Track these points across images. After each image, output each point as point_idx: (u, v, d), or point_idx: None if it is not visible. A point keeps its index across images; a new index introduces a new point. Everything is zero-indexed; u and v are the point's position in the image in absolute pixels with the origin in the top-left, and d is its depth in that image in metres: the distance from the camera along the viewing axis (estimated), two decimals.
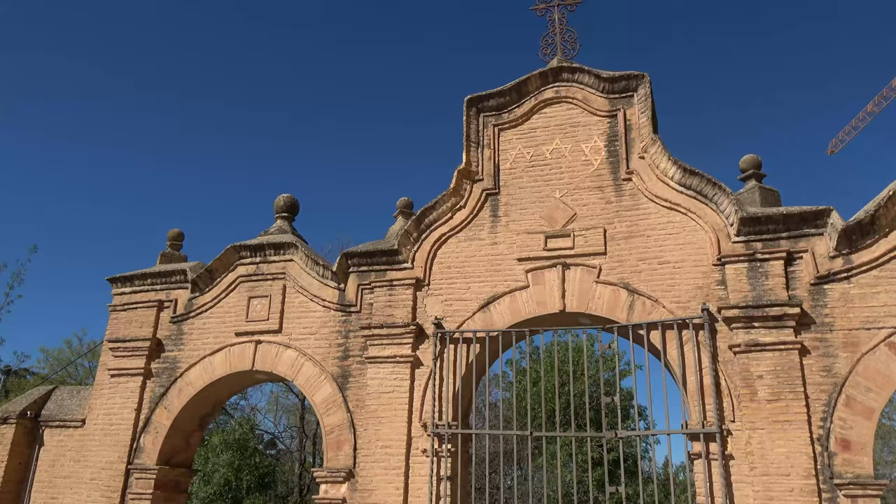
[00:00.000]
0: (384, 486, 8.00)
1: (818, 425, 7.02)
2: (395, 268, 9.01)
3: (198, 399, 9.54)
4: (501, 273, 8.62)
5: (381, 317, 8.76)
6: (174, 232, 11.14)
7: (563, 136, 9.06)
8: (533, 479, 15.59)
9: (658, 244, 8.17)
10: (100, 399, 9.87)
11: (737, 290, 7.63)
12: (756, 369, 7.29)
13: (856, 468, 6.80)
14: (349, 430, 8.47)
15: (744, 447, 7.14)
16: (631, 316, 7.97)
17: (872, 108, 45.53)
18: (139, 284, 10.32)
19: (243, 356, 9.35)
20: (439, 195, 9.09)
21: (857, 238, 7.44)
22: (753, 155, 8.63)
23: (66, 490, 9.62)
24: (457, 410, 8.26)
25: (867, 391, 7.01)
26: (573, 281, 8.31)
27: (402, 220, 9.80)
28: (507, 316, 8.42)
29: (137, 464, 9.29)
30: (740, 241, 7.79)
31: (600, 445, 18.86)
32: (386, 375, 8.49)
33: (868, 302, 7.30)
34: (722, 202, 7.94)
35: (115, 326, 10.24)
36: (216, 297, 9.85)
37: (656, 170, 8.41)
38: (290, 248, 9.66)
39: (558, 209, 8.71)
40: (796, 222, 7.67)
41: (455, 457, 8.05)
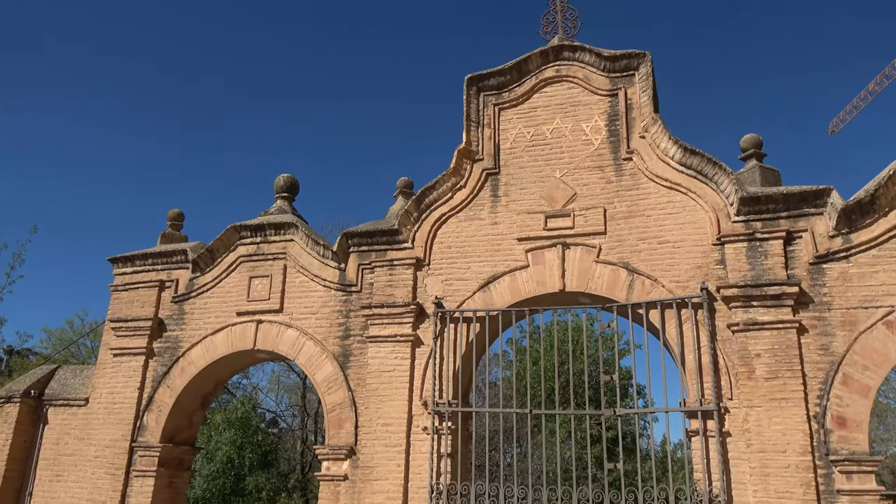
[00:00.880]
0: (385, 462, 8.10)
1: (815, 403, 7.10)
2: (395, 248, 9.03)
3: (200, 378, 9.62)
4: (501, 253, 8.65)
5: (382, 296, 8.81)
6: (174, 212, 11.14)
7: (563, 116, 9.02)
8: (532, 456, 15.76)
9: (658, 224, 8.18)
10: (103, 378, 9.96)
11: (736, 269, 7.66)
12: (754, 348, 7.35)
13: (851, 445, 6.89)
14: (350, 409, 8.56)
15: (741, 424, 7.23)
16: (630, 295, 8.02)
17: (874, 86, 45.27)
18: (140, 265, 10.35)
19: (245, 336, 9.41)
20: (439, 175, 9.08)
21: (857, 218, 7.45)
22: (754, 134, 8.61)
23: (70, 468, 9.74)
24: (457, 389, 8.34)
25: (864, 369, 7.07)
26: (573, 260, 8.33)
27: (403, 200, 9.79)
28: (507, 295, 8.46)
29: (141, 442, 9.40)
30: (740, 221, 7.81)
31: (599, 423, 19.05)
32: (387, 354, 8.56)
33: (866, 281, 7.34)
34: (722, 182, 7.94)
35: (116, 306, 10.29)
36: (217, 277, 9.89)
37: (657, 149, 8.39)
38: (291, 228, 9.67)
39: (558, 189, 8.70)
40: (796, 202, 7.68)
41: (455, 434, 8.15)
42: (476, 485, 7.84)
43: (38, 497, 9.81)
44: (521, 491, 7.68)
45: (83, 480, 9.49)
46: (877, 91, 45.35)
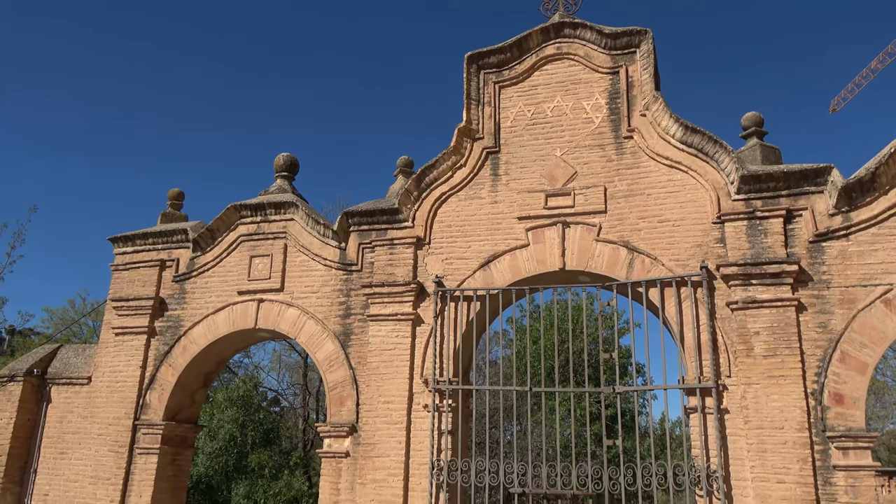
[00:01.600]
0: (386, 439, 8.19)
1: (812, 380, 7.15)
2: (395, 227, 9.03)
3: (202, 357, 9.68)
4: (502, 231, 8.65)
5: (383, 275, 8.83)
6: (174, 192, 11.12)
7: (564, 94, 8.96)
8: (532, 433, 15.91)
9: (658, 202, 8.17)
10: (105, 357, 10.01)
11: (736, 247, 7.67)
12: (753, 326, 7.39)
13: (848, 421, 6.95)
14: (352, 387, 8.62)
15: (739, 401, 7.29)
16: (630, 274, 8.03)
17: (876, 64, 44.87)
18: (141, 244, 10.36)
19: (246, 315, 9.45)
20: (440, 154, 9.05)
21: (857, 196, 7.44)
22: (755, 112, 8.55)
23: (74, 445, 9.84)
24: (457, 367, 8.39)
25: (862, 347, 7.11)
26: (573, 239, 8.34)
27: (403, 179, 9.77)
28: (507, 274, 8.47)
29: (144, 419, 9.49)
30: (740, 199, 7.79)
31: (598, 401, 19.21)
32: (387, 333, 8.60)
33: (866, 259, 7.35)
34: (723, 160, 7.91)
35: (117, 285, 10.32)
36: (218, 257, 9.90)
37: (658, 127, 8.35)
38: (291, 208, 9.66)
39: (559, 167, 8.67)
40: (797, 180, 7.66)
41: (455, 412, 8.22)
42: (476, 461, 7.92)
43: (43, 474, 9.93)
44: (520, 467, 7.77)
45: (87, 458, 9.60)
46: (879, 69, 44.98)
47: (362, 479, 8.14)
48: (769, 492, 6.87)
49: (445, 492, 7.88)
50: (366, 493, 8.06)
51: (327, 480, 8.39)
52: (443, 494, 7.87)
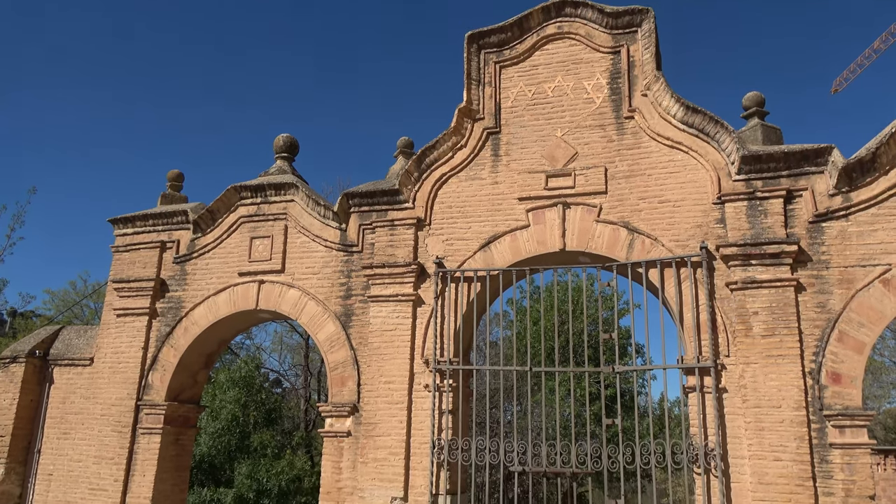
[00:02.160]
0: (388, 419, 8.26)
1: (810, 359, 7.20)
2: (396, 208, 9.03)
3: (203, 338, 9.73)
4: (502, 212, 8.65)
5: (383, 256, 8.84)
6: (174, 173, 11.10)
7: (565, 74, 8.91)
8: (532, 413, 16.05)
9: (659, 183, 8.16)
10: (107, 338, 10.07)
11: (736, 228, 7.67)
12: (752, 306, 7.42)
13: (845, 400, 7.01)
14: (353, 367, 8.68)
15: (737, 381, 7.34)
16: (630, 254, 8.05)
17: (879, 44, 44.53)
18: (141, 225, 10.36)
19: (247, 296, 9.48)
20: (440, 134, 9.02)
21: (858, 176, 7.43)
22: (756, 92, 8.51)
23: (77, 425, 9.93)
24: (458, 347, 8.44)
25: (860, 326, 7.15)
26: (573, 220, 8.34)
27: (403, 160, 9.75)
28: (507, 255, 8.49)
29: (146, 400, 9.56)
30: (741, 180, 7.78)
31: (598, 382, 19.34)
32: (388, 314, 8.64)
33: (865, 239, 7.36)
34: (724, 140, 7.89)
35: (118, 267, 10.34)
36: (218, 238, 9.91)
37: (659, 108, 8.31)
38: (291, 189, 9.65)
39: (559, 148, 8.65)
40: (797, 160, 7.64)
41: (456, 392, 8.28)
42: (477, 440, 8.00)
43: (47, 454, 10.03)
44: (520, 446, 7.85)
45: (91, 438, 9.69)
46: (882, 49, 44.64)
47: (364, 458, 8.23)
48: (766, 469, 6.95)
49: (446, 470, 7.97)
50: (367, 471, 8.15)
51: (329, 459, 8.49)
52: (443, 472, 7.96)
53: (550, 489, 16.36)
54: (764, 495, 6.89)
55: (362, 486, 8.12)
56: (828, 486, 6.82)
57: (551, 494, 15.80)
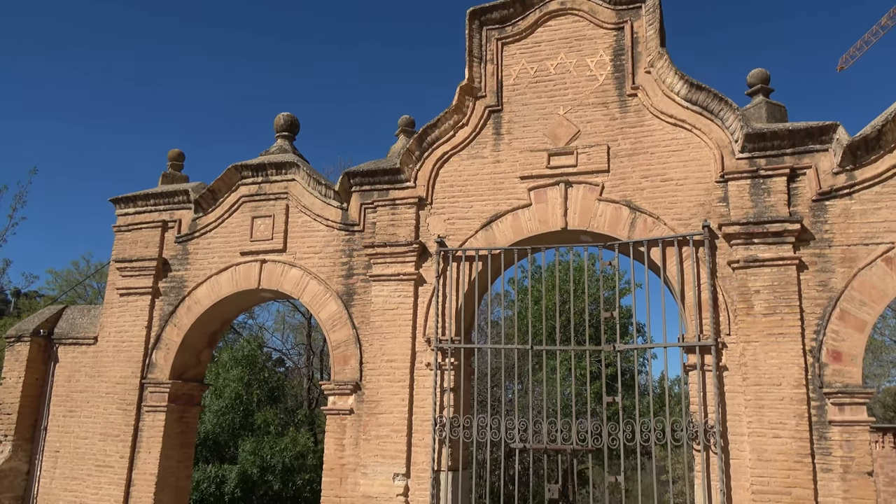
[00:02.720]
0: (390, 397, 8.32)
1: (811, 338, 7.21)
2: (397, 187, 9.00)
3: (206, 317, 9.77)
4: (504, 191, 8.62)
5: (385, 235, 8.84)
6: (174, 152, 11.06)
7: (567, 51, 8.81)
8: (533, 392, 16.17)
9: (662, 161, 8.11)
10: (110, 317, 10.11)
11: (738, 206, 7.65)
12: (753, 284, 7.42)
13: (845, 378, 7.05)
14: (355, 346, 8.73)
15: (738, 359, 7.37)
16: (632, 233, 8.03)
17: (886, 21, 43.94)
18: (142, 205, 10.35)
19: (249, 275, 9.50)
20: (441, 113, 8.96)
21: (862, 154, 7.38)
22: (761, 69, 8.41)
23: (83, 403, 10.02)
24: (459, 326, 8.47)
25: (861, 305, 7.16)
26: (575, 199, 8.31)
27: (404, 139, 9.69)
28: (508, 234, 8.48)
29: (151, 378, 9.63)
30: (744, 158, 7.74)
31: (599, 360, 19.43)
32: (390, 293, 8.65)
33: (868, 218, 7.33)
34: (728, 118, 7.82)
35: (120, 247, 10.35)
36: (219, 218, 9.90)
37: (662, 85, 8.23)
38: (292, 168, 9.62)
39: (562, 126, 8.59)
40: (801, 138, 7.59)
41: (458, 370, 8.33)
42: (478, 417, 8.07)
43: (53, 431, 10.14)
44: (521, 423, 7.91)
45: (96, 416, 9.79)
46: (889, 26, 44.06)
47: (366, 435, 8.30)
48: (765, 446, 7.00)
49: (448, 447, 8.05)
50: (370, 448, 8.23)
51: (332, 436, 8.57)
52: (445, 449, 8.04)
53: (551, 466, 16.52)
54: (763, 471, 6.96)
55: (365, 463, 8.21)
56: (826, 463, 6.88)
57: (552, 471, 15.97)
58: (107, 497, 9.33)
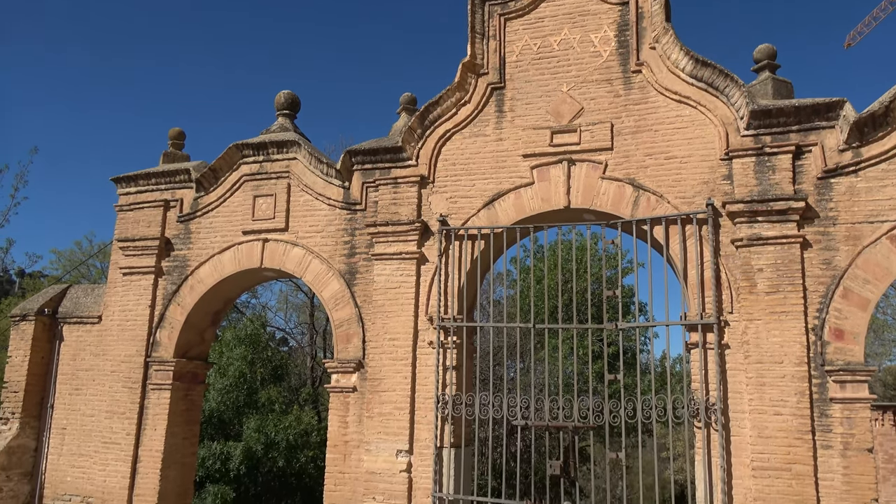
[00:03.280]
0: (392, 375, 8.37)
1: (814, 316, 7.21)
2: (399, 165, 8.96)
3: (209, 296, 9.80)
4: (506, 170, 8.57)
5: (387, 214, 8.82)
6: (175, 131, 11.00)
7: (571, 26, 8.70)
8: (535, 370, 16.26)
9: (666, 139, 8.05)
10: (114, 297, 10.15)
11: (743, 184, 7.60)
12: (757, 262, 7.40)
13: (847, 356, 7.05)
14: (358, 324, 8.75)
15: (740, 337, 7.38)
16: (635, 211, 8.00)
17: None
18: (144, 184, 10.33)
19: (251, 254, 9.51)
20: (443, 90, 8.88)
21: (869, 131, 7.30)
22: (768, 45, 8.30)
23: (88, 381, 10.11)
24: (462, 305, 8.48)
25: (865, 283, 7.14)
26: (578, 177, 8.26)
27: (406, 117, 9.62)
28: (511, 213, 8.45)
29: (155, 357, 9.70)
30: (749, 135, 7.67)
31: (601, 339, 19.49)
32: (392, 272, 8.66)
33: (874, 196, 7.28)
34: (733, 94, 7.74)
35: (123, 226, 10.35)
36: (221, 197, 9.88)
37: (667, 61, 8.13)
38: (293, 147, 9.57)
39: (565, 103, 8.51)
40: (808, 115, 7.51)
41: (460, 348, 8.36)
42: (480, 395, 8.12)
43: (60, 409, 10.24)
44: (523, 401, 7.95)
45: (102, 393, 9.87)
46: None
47: (370, 413, 8.37)
48: (766, 423, 7.04)
49: (450, 424, 8.11)
50: (373, 425, 8.30)
51: (336, 414, 8.64)
52: (448, 426, 8.10)
53: (552, 443, 16.68)
54: (763, 448, 7.00)
55: (368, 440, 8.29)
56: (827, 440, 6.92)
57: (553, 448, 16.11)
58: (114, 473, 9.45)
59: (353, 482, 8.33)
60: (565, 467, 7.78)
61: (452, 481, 7.98)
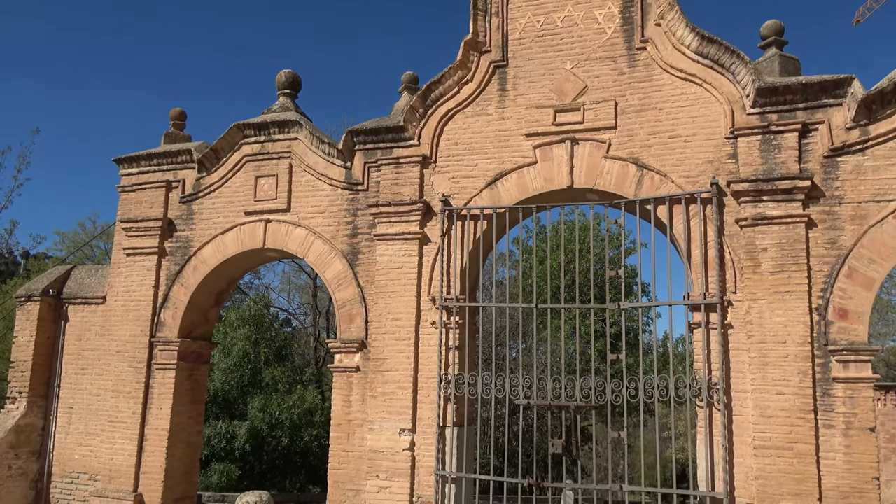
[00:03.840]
0: (395, 355, 8.40)
1: (818, 296, 7.19)
2: (401, 145, 8.90)
3: (212, 276, 9.82)
4: (509, 149, 8.51)
5: (389, 194, 8.78)
6: (176, 111, 10.94)
7: (575, 2, 8.56)
8: (537, 350, 16.31)
9: (670, 117, 7.97)
10: (118, 277, 10.18)
11: (748, 163, 7.53)
12: (761, 242, 7.36)
13: (851, 336, 7.04)
14: (360, 304, 8.76)
15: (743, 317, 7.37)
16: (639, 191, 7.94)
17: None
18: (146, 165, 10.30)
19: (254, 235, 9.50)
20: (445, 68, 8.78)
21: (878, 108, 7.21)
22: (775, 20, 8.16)
23: (94, 361, 10.18)
24: (464, 285, 8.48)
25: (870, 262, 7.10)
26: (581, 156, 8.20)
27: (408, 96, 9.54)
28: (514, 192, 8.41)
29: (160, 337, 9.74)
30: (755, 113, 7.58)
31: (603, 319, 19.51)
32: (395, 252, 8.64)
33: (881, 174, 7.21)
34: (739, 72, 7.64)
35: (125, 207, 10.35)
36: (223, 177, 9.85)
37: (672, 38, 8.02)
38: (295, 126, 9.51)
39: (568, 81, 8.42)
40: (815, 92, 7.41)
41: (462, 328, 8.37)
42: (483, 375, 8.14)
43: (66, 389, 10.33)
44: (526, 381, 7.98)
45: (108, 373, 9.94)
46: None
47: (373, 392, 8.41)
48: (768, 402, 7.05)
49: (453, 403, 8.15)
50: (376, 404, 8.35)
51: (339, 393, 8.69)
52: (450, 406, 8.15)
53: (554, 422, 16.79)
54: (765, 427, 7.02)
55: (371, 419, 8.34)
56: (829, 419, 6.93)
57: (555, 427, 16.22)
58: (121, 451, 9.55)
59: (357, 460, 8.40)
60: (567, 446, 7.81)
61: (455, 459, 8.04)
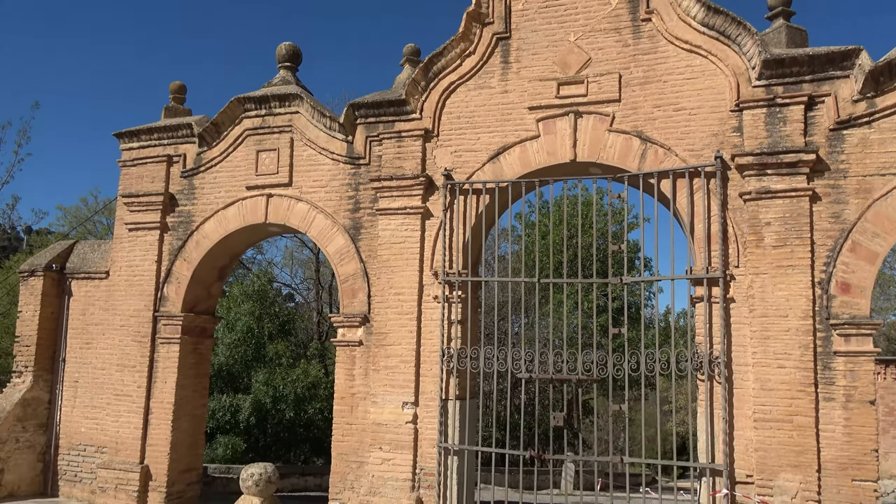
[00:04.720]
0: (398, 329, 8.43)
1: (821, 270, 7.18)
2: (403, 118, 8.83)
3: (215, 251, 9.82)
4: (512, 122, 8.44)
5: (391, 169, 8.73)
6: (176, 84, 10.84)
7: None
8: (539, 324, 16.36)
9: (675, 90, 7.88)
10: (121, 252, 10.19)
11: (753, 136, 7.46)
12: (765, 216, 7.33)
13: (853, 309, 7.04)
14: (363, 279, 8.78)
15: (745, 291, 7.37)
16: (643, 165, 7.89)
17: None
18: (146, 139, 10.25)
19: (256, 209, 9.48)
20: (448, 41, 8.67)
21: (885, 80, 7.12)
22: None
23: (98, 335, 10.25)
24: (466, 259, 8.48)
25: (874, 236, 7.07)
26: (585, 130, 8.13)
27: (410, 69, 9.43)
28: (516, 166, 8.36)
29: (163, 311, 9.79)
30: (761, 86, 7.49)
31: (605, 294, 19.54)
32: (397, 226, 8.63)
33: (887, 147, 7.15)
34: (745, 43, 7.53)
35: (127, 181, 10.32)
36: (224, 152, 9.80)
37: (678, 8, 7.89)
38: (296, 100, 9.42)
39: (572, 53, 8.31)
40: (822, 64, 7.31)
41: (465, 302, 8.39)
42: (485, 349, 8.18)
43: (71, 363, 10.42)
44: (528, 354, 8.02)
45: (112, 347, 10.01)
46: None
47: (376, 366, 8.47)
48: (769, 376, 7.09)
49: (455, 377, 8.21)
50: (379, 378, 8.41)
51: (342, 367, 8.75)
52: (453, 379, 8.20)
53: (556, 396, 16.93)
54: (766, 400, 7.07)
55: (374, 392, 8.41)
56: (829, 392, 6.97)
57: (557, 401, 16.37)
58: (126, 424, 9.66)
59: (360, 433, 8.49)
60: (568, 419, 7.89)
61: (457, 432, 8.12)
